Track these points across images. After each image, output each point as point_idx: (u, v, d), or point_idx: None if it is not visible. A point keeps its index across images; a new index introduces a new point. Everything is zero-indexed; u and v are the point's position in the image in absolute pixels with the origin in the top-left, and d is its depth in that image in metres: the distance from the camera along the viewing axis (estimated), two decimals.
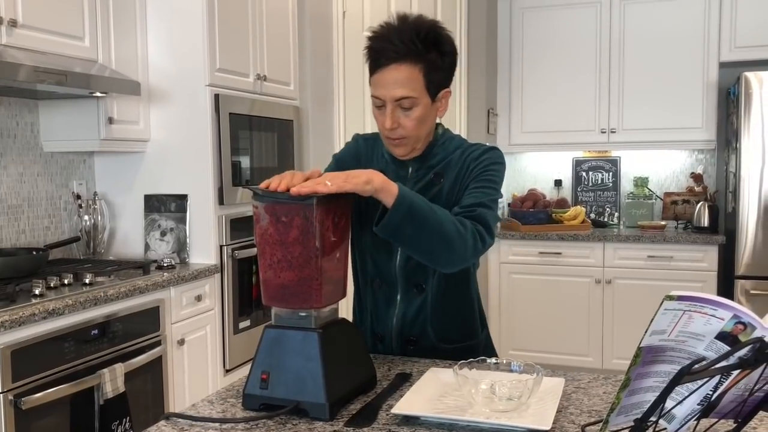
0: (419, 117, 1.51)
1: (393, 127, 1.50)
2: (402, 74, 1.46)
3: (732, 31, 4.37)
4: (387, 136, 1.54)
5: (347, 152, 1.71)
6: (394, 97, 1.48)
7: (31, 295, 2.29)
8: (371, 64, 1.50)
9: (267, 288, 1.31)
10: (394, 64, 1.46)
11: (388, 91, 1.47)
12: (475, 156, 1.58)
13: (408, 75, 1.46)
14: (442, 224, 1.38)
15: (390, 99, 1.48)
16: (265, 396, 1.26)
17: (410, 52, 1.46)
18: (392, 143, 1.56)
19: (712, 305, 0.87)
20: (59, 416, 2.22)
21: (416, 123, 1.51)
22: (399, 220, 1.33)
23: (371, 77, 1.51)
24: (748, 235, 4.05)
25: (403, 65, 1.46)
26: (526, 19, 4.86)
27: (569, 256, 4.50)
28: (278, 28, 3.55)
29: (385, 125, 1.50)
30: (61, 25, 2.60)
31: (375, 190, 1.31)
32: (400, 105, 1.49)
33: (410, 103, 1.49)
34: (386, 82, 1.47)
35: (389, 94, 1.48)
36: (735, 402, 0.97)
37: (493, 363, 1.35)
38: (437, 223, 1.37)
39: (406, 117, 1.50)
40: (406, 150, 1.57)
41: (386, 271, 1.63)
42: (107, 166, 3.24)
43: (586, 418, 1.22)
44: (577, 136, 4.80)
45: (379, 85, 1.49)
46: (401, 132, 1.52)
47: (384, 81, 1.48)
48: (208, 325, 3.02)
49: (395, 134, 1.52)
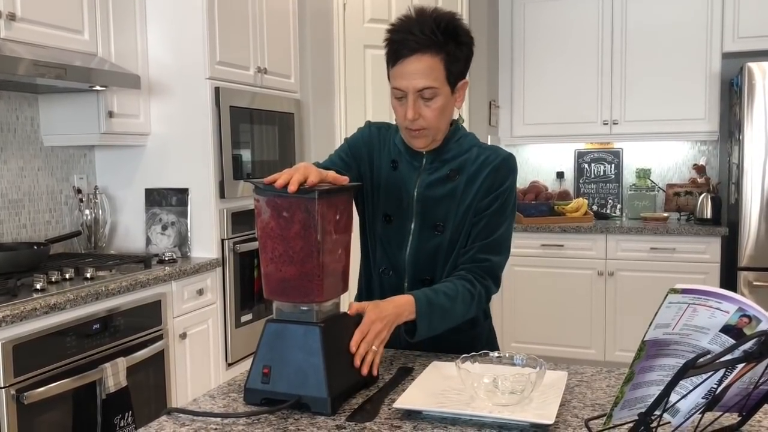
0: (440, 107, 1.51)
1: (414, 118, 1.50)
2: (423, 64, 1.47)
3: (735, 22, 4.35)
4: (407, 127, 1.54)
5: (360, 138, 1.70)
6: (416, 88, 1.48)
7: (33, 289, 2.29)
8: (392, 56, 1.50)
9: (268, 282, 1.30)
10: (416, 54, 1.47)
11: (410, 81, 1.48)
12: (496, 166, 1.58)
13: (429, 65, 1.47)
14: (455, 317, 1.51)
15: (412, 89, 1.48)
16: (267, 390, 1.25)
17: (432, 43, 1.46)
18: (412, 134, 1.55)
19: (717, 298, 0.86)
20: (61, 411, 2.22)
21: (437, 113, 1.51)
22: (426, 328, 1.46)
23: (392, 69, 1.51)
24: (751, 226, 4.04)
25: (425, 56, 1.46)
26: (527, 10, 4.84)
27: (571, 249, 4.49)
28: (278, 20, 3.53)
29: (407, 116, 1.50)
30: (61, 19, 2.59)
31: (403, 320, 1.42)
32: (421, 95, 1.49)
33: (431, 93, 1.49)
34: (408, 73, 1.48)
35: (411, 85, 1.48)
36: (740, 395, 0.97)
37: (496, 357, 1.34)
38: (451, 319, 1.50)
39: (427, 107, 1.51)
40: (426, 141, 1.57)
41: (395, 261, 1.63)
42: (108, 160, 3.23)
43: (589, 411, 1.21)
44: (579, 127, 4.78)
45: (401, 77, 1.49)
46: (422, 123, 1.52)
47: (406, 72, 1.48)
48: (210, 319, 3.02)
49: (416, 125, 1.52)
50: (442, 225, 1.59)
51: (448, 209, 1.59)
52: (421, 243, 1.60)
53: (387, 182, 1.63)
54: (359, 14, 3.99)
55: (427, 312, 1.44)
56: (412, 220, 1.61)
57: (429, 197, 1.59)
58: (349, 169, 1.63)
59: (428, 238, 1.60)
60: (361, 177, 1.66)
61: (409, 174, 1.61)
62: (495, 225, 1.57)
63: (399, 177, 1.62)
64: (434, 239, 1.60)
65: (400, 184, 1.62)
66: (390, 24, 1.53)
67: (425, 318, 1.44)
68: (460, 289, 1.51)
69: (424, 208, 1.60)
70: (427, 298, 1.46)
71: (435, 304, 1.46)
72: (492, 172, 1.58)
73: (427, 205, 1.59)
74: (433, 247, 1.60)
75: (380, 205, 1.65)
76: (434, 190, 1.59)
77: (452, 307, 1.49)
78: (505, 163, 1.59)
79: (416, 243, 1.61)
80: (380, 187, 1.65)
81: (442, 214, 1.59)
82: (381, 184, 1.64)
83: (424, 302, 1.45)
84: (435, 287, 1.51)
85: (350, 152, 1.67)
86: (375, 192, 1.65)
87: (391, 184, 1.63)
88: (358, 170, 1.65)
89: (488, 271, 1.57)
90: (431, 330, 1.47)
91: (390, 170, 1.64)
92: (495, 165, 1.58)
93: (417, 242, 1.61)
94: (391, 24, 1.52)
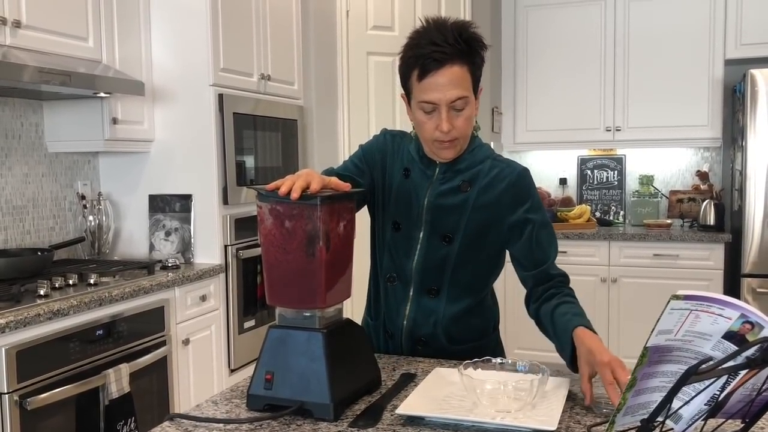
0: (469, 116, 1.51)
1: (450, 130, 1.48)
2: (454, 75, 1.45)
3: (738, 28, 4.35)
4: (439, 139, 1.51)
5: (374, 144, 1.69)
6: (449, 99, 1.46)
7: (36, 295, 2.29)
8: (419, 71, 1.46)
9: (271, 288, 1.30)
10: (446, 66, 1.45)
11: (444, 93, 1.45)
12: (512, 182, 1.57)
13: (459, 75, 1.46)
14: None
15: (445, 102, 1.46)
16: (270, 396, 1.26)
17: (458, 53, 1.45)
18: (443, 146, 1.53)
19: (720, 304, 0.86)
20: (65, 416, 2.22)
21: (468, 122, 1.51)
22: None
23: (419, 83, 1.47)
24: (755, 233, 4.03)
25: (455, 66, 1.45)
26: (530, 17, 4.85)
27: (574, 255, 4.49)
28: (282, 27, 3.54)
29: (442, 128, 1.48)
30: (65, 26, 2.60)
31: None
32: (453, 107, 1.47)
33: (463, 103, 1.48)
34: (440, 85, 1.45)
35: (445, 97, 1.46)
36: (742, 402, 0.97)
37: (499, 363, 1.34)
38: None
39: (460, 117, 1.49)
40: (456, 152, 1.56)
41: (402, 269, 1.63)
42: (112, 166, 3.24)
43: (592, 418, 1.21)
44: (582, 134, 4.79)
45: (432, 89, 1.46)
46: (455, 133, 1.50)
47: (437, 84, 1.45)
48: (213, 325, 3.02)
49: (450, 136, 1.50)
50: (450, 236, 1.58)
51: (458, 220, 1.58)
52: (429, 252, 1.60)
53: (398, 190, 1.63)
54: (362, 21, 4.01)
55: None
56: (421, 228, 1.60)
57: (439, 207, 1.59)
58: (363, 174, 1.64)
59: (436, 248, 1.59)
60: (374, 183, 1.66)
61: (421, 183, 1.61)
62: (546, 239, 1.58)
63: (410, 185, 1.62)
64: (442, 249, 1.59)
65: (411, 192, 1.61)
66: (408, 38, 1.50)
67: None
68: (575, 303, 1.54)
69: (433, 217, 1.59)
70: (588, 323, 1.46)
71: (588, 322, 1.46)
72: (509, 188, 1.57)
73: (437, 215, 1.59)
74: (441, 258, 1.59)
75: (390, 213, 1.64)
76: (445, 200, 1.58)
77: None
78: (522, 179, 1.58)
79: (424, 252, 1.60)
80: (391, 195, 1.64)
81: (451, 225, 1.58)
82: (392, 191, 1.64)
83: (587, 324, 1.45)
84: (576, 311, 1.50)
85: (364, 158, 1.67)
86: (386, 199, 1.65)
87: (402, 192, 1.62)
88: (372, 176, 1.65)
89: (562, 276, 1.59)
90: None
91: (402, 178, 1.63)
92: (511, 181, 1.57)
93: (425, 251, 1.60)
94: (410, 38, 1.50)
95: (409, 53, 1.49)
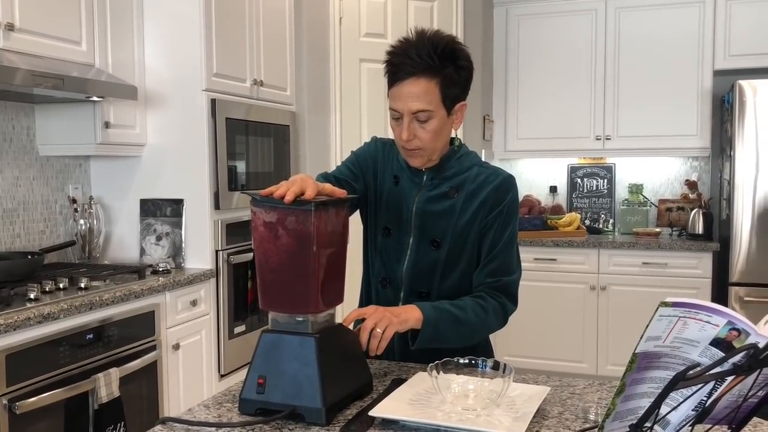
0: (435, 129, 1.54)
1: (409, 139, 1.54)
2: (418, 88, 1.50)
3: (726, 39, 4.40)
4: (403, 146, 1.58)
5: (366, 151, 1.74)
6: (411, 110, 1.52)
7: (26, 299, 2.28)
8: (390, 78, 1.54)
9: (264, 292, 1.31)
10: (411, 78, 1.50)
11: (405, 104, 1.51)
12: (496, 185, 1.61)
13: (424, 89, 1.50)
14: (467, 325, 1.54)
15: (407, 111, 1.52)
16: (262, 401, 1.26)
17: (427, 67, 1.49)
18: (408, 154, 1.60)
19: (707, 312, 0.87)
20: (53, 421, 2.21)
21: (432, 135, 1.55)
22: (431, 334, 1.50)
23: (389, 90, 1.55)
24: (742, 242, 4.07)
25: (420, 79, 1.50)
26: (521, 26, 4.88)
27: (564, 263, 4.51)
28: (275, 33, 3.55)
29: (402, 137, 1.55)
30: (59, 30, 2.60)
31: (411, 325, 1.47)
32: (416, 117, 1.53)
33: (426, 116, 1.52)
34: (403, 96, 1.51)
35: (406, 107, 1.52)
36: (729, 408, 0.98)
37: (464, 363, 1.36)
38: (463, 326, 1.54)
39: (423, 129, 1.54)
40: (422, 161, 1.61)
41: (393, 273, 1.67)
42: (103, 170, 3.23)
43: (581, 423, 1.22)
44: (572, 143, 4.82)
45: (397, 98, 1.53)
46: (417, 143, 1.56)
47: (401, 94, 1.52)
48: (203, 330, 3.01)
49: (411, 145, 1.56)
50: (438, 241, 1.62)
51: (446, 225, 1.62)
52: (419, 257, 1.64)
53: (388, 196, 1.68)
54: (355, 28, 4.02)
55: (434, 318, 1.49)
56: (410, 234, 1.64)
57: (427, 213, 1.63)
58: (357, 179, 1.68)
59: (425, 252, 1.63)
60: (367, 188, 1.70)
61: (410, 189, 1.65)
62: (500, 245, 1.61)
63: (400, 192, 1.66)
64: (431, 254, 1.63)
65: (400, 198, 1.66)
66: (390, 46, 1.56)
67: (430, 325, 1.48)
68: (469, 302, 1.56)
69: (422, 223, 1.63)
70: (431, 305, 1.52)
71: (442, 309, 1.51)
72: (492, 192, 1.61)
73: (426, 221, 1.63)
74: (430, 262, 1.63)
75: (381, 218, 1.69)
76: (433, 205, 1.63)
77: (464, 316, 1.53)
78: (505, 183, 1.62)
79: (414, 257, 1.64)
80: (382, 201, 1.69)
81: (440, 230, 1.62)
82: (383, 197, 1.69)
83: (429, 308, 1.50)
84: (440, 302, 1.56)
85: (358, 163, 1.72)
86: (377, 205, 1.70)
87: (392, 198, 1.67)
88: (365, 181, 1.70)
89: (499, 289, 1.61)
90: (439, 336, 1.50)
91: (392, 185, 1.68)
92: (495, 184, 1.62)
93: (415, 256, 1.64)
94: (391, 46, 1.56)
95: (386, 60, 1.55)
